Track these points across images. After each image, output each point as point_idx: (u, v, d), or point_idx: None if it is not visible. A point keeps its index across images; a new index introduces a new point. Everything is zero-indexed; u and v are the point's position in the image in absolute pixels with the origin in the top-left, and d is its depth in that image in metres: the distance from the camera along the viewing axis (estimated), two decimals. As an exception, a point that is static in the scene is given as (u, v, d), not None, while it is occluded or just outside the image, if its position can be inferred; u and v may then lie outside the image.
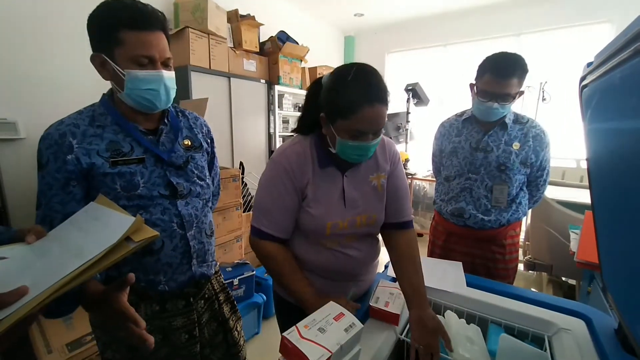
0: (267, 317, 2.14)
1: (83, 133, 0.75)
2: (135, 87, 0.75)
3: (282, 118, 3.26)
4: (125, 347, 0.83)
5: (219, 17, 2.32)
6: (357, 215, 0.87)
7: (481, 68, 1.25)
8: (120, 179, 0.76)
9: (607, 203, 0.73)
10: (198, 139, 0.93)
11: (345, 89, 0.73)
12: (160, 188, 0.82)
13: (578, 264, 1.31)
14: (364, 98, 0.71)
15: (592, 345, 0.80)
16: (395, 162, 0.94)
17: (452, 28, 3.94)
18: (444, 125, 1.49)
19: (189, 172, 0.88)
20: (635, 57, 0.44)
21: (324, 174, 0.85)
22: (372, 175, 0.90)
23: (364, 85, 0.72)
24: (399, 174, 0.95)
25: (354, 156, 0.80)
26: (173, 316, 0.87)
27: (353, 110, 0.72)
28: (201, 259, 0.91)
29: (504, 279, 1.36)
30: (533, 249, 2.24)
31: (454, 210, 1.38)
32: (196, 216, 0.88)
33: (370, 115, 0.72)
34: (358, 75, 0.73)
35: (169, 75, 0.79)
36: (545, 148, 1.30)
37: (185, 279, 0.87)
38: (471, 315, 0.95)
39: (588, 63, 0.71)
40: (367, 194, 0.89)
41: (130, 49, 0.72)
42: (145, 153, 0.81)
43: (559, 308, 0.94)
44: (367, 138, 0.76)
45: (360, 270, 0.95)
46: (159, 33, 0.75)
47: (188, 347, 0.89)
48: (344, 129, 0.75)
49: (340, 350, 0.55)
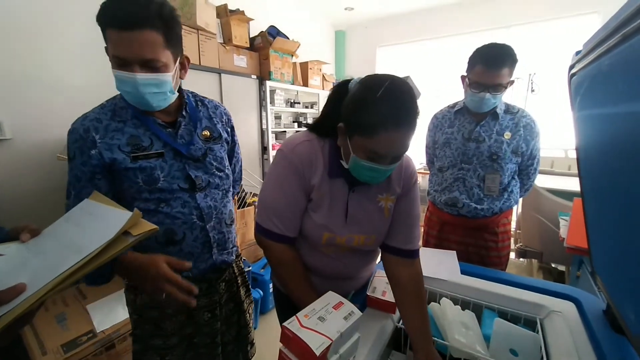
0: (264, 313, 2.14)
1: (105, 128, 0.77)
2: (118, 86, 0.75)
3: (274, 114, 3.24)
4: (152, 325, 0.88)
5: (208, 12, 2.29)
6: (356, 233, 0.82)
7: (472, 60, 1.26)
8: (141, 174, 0.78)
9: (596, 189, 0.75)
10: (217, 129, 0.93)
11: (373, 106, 0.64)
12: (180, 181, 0.83)
13: (568, 250, 1.35)
14: (392, 120, 0.63)
15: (582, 326, 0.83)
16: (411, 184, 0.86)
17: (442, 21, 3.95)
18: (436, 117, 1.51)
19: (208, 164, 0.89)
20: (623, 43, 0.46)
21: (331, 184, 0.80)
22: (382, 196, 0.83)
23: (394, 105, 0.63)
24: (414, 197, 0.86)
25: (366, 177, 0.73)
26: (197, 297, 0.87)
27: (376, 131, 0.64)
28: (221, 247, 0.94)
29: (497, 266, 1.39)
30: (524, 236, 2.29)
31: (447, 200, 1.40)
32: (215, 207, 0.90)
33: (394, 140, 0.65)
34: (390, 93, 0.63)
35: (148, 78, 0.73)
36: (535, 137, 1.33)
37: (207, 266, 0.91)
38: (466, 302, 0.98)
39: (577, 51, 0.73)
40: (371, 215, 0.83)
41: (111, 47, 0.71)
42: (164, 147, 0.82)
43: (549, 292, 0.97)
44: (385, 162, 0.69)
45: (358, 273, 0.93)
46: (143, 32, 0.69)
47: (210, 324, 0.95)
48: (361, 147, 0.68)
49: (340, 338, 0.56)
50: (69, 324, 1.40)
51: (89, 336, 1.35)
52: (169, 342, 0.90)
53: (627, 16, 0.42)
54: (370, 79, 0.68)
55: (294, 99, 3.51)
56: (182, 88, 0.89)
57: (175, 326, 0.90)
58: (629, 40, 0.43)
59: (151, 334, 0.89)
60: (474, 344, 0.80)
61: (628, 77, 0.45)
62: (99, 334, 1.36)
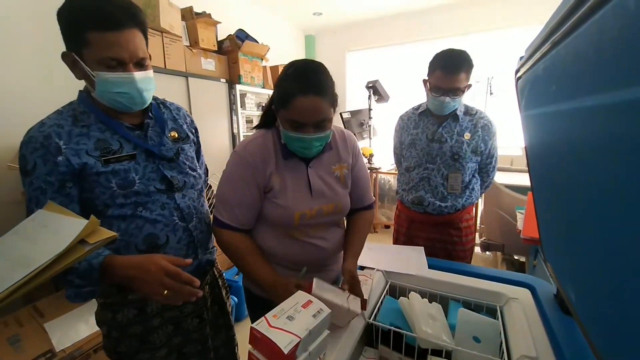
0: (239, 320, 2.10)
1: (68, 133, 0.72)
2: (106, 89, 0.72)
3: (245, 118, 3.20)
4: (137, 341, 0.84)
5: (172, 14, 2.23)
6: (324, 204, 0.90)
7: (432, 65, 1.33)
8: (115, 177, 0.74)
9: (542, 182, 0.81)
10: (184, 129, 0.93)
11: (284, 81, 0.78)
12: (156, 183, 0.81)
13: (524, 241, 1.45)
14: (298, 88, 0.75)
15: (535, 311, 0.89)
16: (356, 154, 0.99)
17: (407, 28, 4.12)
18: (402, 119, 1.57)
19: (181, 163, 0.87)
20: (552, 49, 0.51)
21: (288, 165, 0.88)
22: (335, 166, 0.94)
23: (300, 76, 0.76)
24: (361, 165, 1.00)
25: (298, 149, 0.83)
26: (184, 304, 0.85)
27: (288, 100, 0.76)
28: (205, 247, 0.93)
29: (462, 260, 1.47)
30: (487, 230, 2.42)
31: (414, 199, 1.46)
32: (194, 207, 0.89)
33: (305, 106, 0.75)
34: (297, 68, 0.78)
35: (143, 76, 0.75)
36: (492, 137, 1.42)
37: (194, 268, 0.89)
38: (433, 295, 1.02)
39: (520, 57, 0.79)
40: (331, 184, 0.93)
41: (97, 51, 0.68)
42: (135, 149, 0.79)
43: (508, 281, 1.03)
44: (308, 130, 0.78)
45: (328, 261, 0.98)
46: (131, 31, 0.70)
47: (199, 329, 0.93)
48: (285, 120, 0.80)
49: (309, 336, 0.57)
50: (24, 345, 1.30)
51: (47, 356, 1.26)
52: (157, 354, 0.86)
53: (555, 24, 0.47)
54: (287, 64, 0.81)
55: (265, 103, 3.49)
56: None
57: (163, 338, 0.87)
58: (557, 46, 0.48)
59: (137, 349, 0.85)
60: (440, 334, 0.83)
61: (558, 79, 0.51)
62: (58, 353, 1.27)
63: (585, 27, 0.37)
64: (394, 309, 0.93)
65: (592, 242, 0.46)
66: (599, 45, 0.35)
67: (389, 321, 0.87)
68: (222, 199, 0.88)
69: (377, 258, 1.15)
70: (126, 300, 0.83)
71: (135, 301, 0.83)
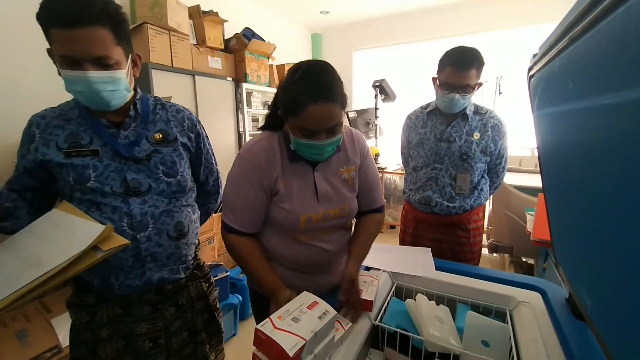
0: (243, 319, 2.10)
1: (47, 124, 0.78)
2: (69, 87, 0.72)
3: (251, 116, 3.20)
4: (86, 349, 0.82)
5: (179, 12, 2.24)
6: (330, 208, 0.88)
7: (442, 62, 1.30)
8: (72, 172, 0.75)
9: (555, 183, 0.79)
10: (173, 132, 0.88)
11: (292, 87, 0.73)
12: (115, 183, 0.78)
13: (534, 243, 1.42)
14: (308, 96, 0.71)
15: (547, 315, 0.87)
16: (365, 154, 0.95)
17: (415, 27, 4.08)
18: (410, 118, 1.55)
19: (153, 167, 0.83)
20: (570, 46, 0.49)
21: (294, 169, 0.85)
22: (342, 169, 0.91)
23: (309, 83, 0.72)
24: (370, 165, 0.96)
25: (310, 155, 0.80)
26: (137, 322, 0.84)
27: (299, 108, 0.72)
28: (161, 263, 0.84)
29: (470, 262, 1.44)
30: (495, 232, 2.39)
31: (421, 199, 1.44)
32: (153, 215, 0.81)
33: (316, 114, 0.71)
34: (305, 73, 0.73)
35: (99, 76, 0.71)
36: (502, 137, 1.39)
37: (141, 284, 0.82)
38: (440, 297, 1.00)
39: (534, 54, 0.77)
40: (338, 187, 0.90)
41: (57, 47, 0.68)
42: (104, 146, 0.78)
43: (518, 284, 1.01)
44: (320, 137, 0.75)
45: (333, 263, 0.96)
46: (91, 29, 0.67)
47: (152, 355, 0.86)
48: (295, 126, 0.75)
49: (315, 338, 0.56)
50: (31, 341, 1.31)
51: (53, 352, 1.27)
52: None
53: (572, 20, 0.45)
54: (291, 67, 0.77)
55: (271, 101, 3.48)
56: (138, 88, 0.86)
57: (110, 353, 0.82)
58: (575, 42, 0.46)
59: (87, 358, 0.82)
60: (448, 338, 0.82)
61: (576, 76, 0.49)
62: (65, 349, 1.29)
63: (607, 21, 0.35)
64: (400, 310, 0.92)
65: (612, 248, 0.44)
66: (623, 40, 0.33)
67: (395, 323, 0.86)
68: (228, 202, 0.86)
69: (383, 259, 1.14)
70: (80, 303, 0.81)
71: (88, 305, 0.81)
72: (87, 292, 0.82)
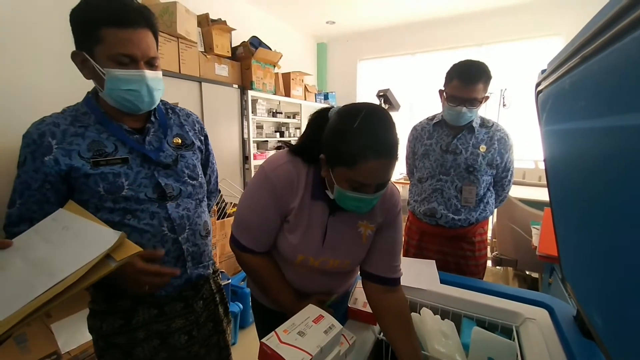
0: (244, 327, 2.08)
1: (63, 132, 0.72)
2: (116, 87, 0.72)
3: (255, 123, 3.22)
4: (121, 353, 0.82)
5: (188, 21, 2.27)
6: (331, 257, 0.81)
7: (449, 75, 1.31)
8: (103, 181, 0.73)
9: (563, 198, 0.78)
10: (189, 136, 0.90)
11: (351, 137, 0.63)
12: (148, 190, 0.78)
13: (539, 257, 1.40)
14: (371, 150, 0.62)
15: (554, 332, 0.86)
16: (395, 213, 0.85)
17: (420, 38, 4.12)
18: (416, 129, 1.55)
19: (180, 171, 0.85)
20: (582, 64, 0.49)
21: (312, 206, 0.78)
22: (362, 222, 0.82)
23: (373, 137, 0.63)
24: (397, 226, 0.86)
25: (353, 207, 0.72)
26: (172, 318, 0.86)
27: (356, 161, 0.63)
28: (197, 261, 0.89)
29: (474, 275, 1.43)
30: (499, 245, 2.36)
31: (426, 211, 1.43)
32: (188, 218, 0.85)
33: (375, 169, 0.64)
34: (366, 122, 0.63)
35: (153, 75, 0.76)
36: (509, 150, 1.39)
37: (182, 282, 0.86)
38: (445, 311, 0.99)
39: (542, 70, 0.77)
40: (349, 241, 0.82)
41: (111, 47, 0.69)
42: (130, 153, 0.77)
43: (524, 299, 1.00)
44: (370, 190, 0.68)
45: (333, 290, 0.91)
46: (143, 31, 0.72)
47: (187, 347, 0.89)
48: (344, 177, 0.67)
49: (321, 353, 0.55)
50: (30, 346, 1.30)
51: (53, 357, 1.26)
52: None
53: (585, 39, 0.46)
54: (346, 110, 0.69)
55: (276, 109, 3.51)
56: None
57: (148, 353, 0.83)
58: (588, 61, 0.46)
59: None
60: (454, 354, 0.80)
61: (587, 95, 0.49)
62: (64, 355, 1.27)
63: (624, 42, 0.35)
64: (405, 325, 0.90)
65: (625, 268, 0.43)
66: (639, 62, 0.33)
67: (400, 338, 0.84)
68: (243, 220, 0.81)
69: (387, 270, 1.13)
70: (113, 309, 0.80)
71: (122, 311, 0.81)
72: (120, 297, 0.81)
